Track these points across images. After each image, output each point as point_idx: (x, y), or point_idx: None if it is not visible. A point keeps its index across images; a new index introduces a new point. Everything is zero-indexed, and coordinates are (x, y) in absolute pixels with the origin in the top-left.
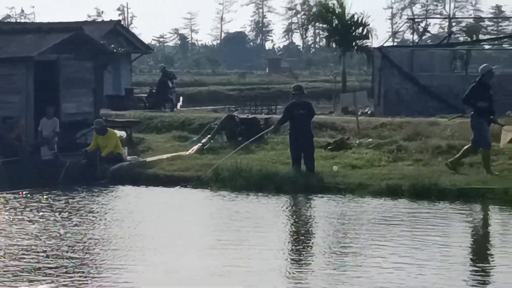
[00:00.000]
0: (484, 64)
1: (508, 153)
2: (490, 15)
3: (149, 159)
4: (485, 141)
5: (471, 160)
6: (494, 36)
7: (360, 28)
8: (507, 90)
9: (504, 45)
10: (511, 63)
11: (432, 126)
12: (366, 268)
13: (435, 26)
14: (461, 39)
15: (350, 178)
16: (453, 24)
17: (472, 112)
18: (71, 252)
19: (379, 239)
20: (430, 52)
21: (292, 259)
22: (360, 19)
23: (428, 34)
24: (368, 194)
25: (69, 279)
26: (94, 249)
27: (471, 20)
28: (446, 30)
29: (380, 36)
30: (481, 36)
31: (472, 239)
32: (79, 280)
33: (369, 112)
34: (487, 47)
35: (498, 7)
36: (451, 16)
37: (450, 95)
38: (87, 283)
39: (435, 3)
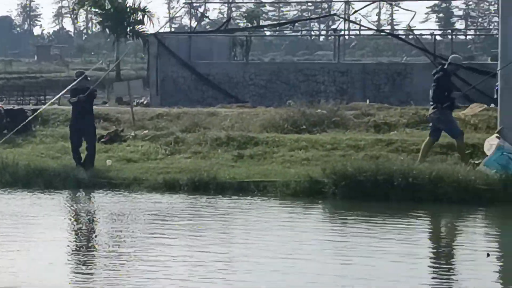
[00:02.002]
0: (456, 55)
1: (290, 145)
2: (271, 0)
3: None
4: (456, 130)
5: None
6: (275, 22)
7: (138, 14)
8: (287, 78)
9: (285, 31)
10: (291, 49)
11: (211, 117)
12: (144, 265)
13: (214, 11)
14: (241, 24)
15: (125, 172)
16: (233, 9)
17: (436, 105)
18: None
19: (156, 236)
20: (209, 38)
21: (63, 262)
22: (137, 4)
23: (207, 20)
24: (144, 189)
25: None
26: None
27: (251, 5)
28: (225, 15)
29: (158, 21)
30: (262, 22)
31: (252, 233)
32: None
33: (145, 102)
34: (268, 33)
35: None
36: (230, 0)
37: (229, 84)
38: None
39: None
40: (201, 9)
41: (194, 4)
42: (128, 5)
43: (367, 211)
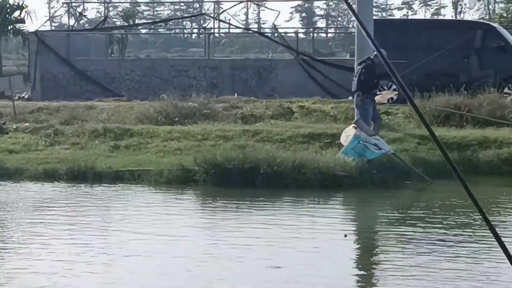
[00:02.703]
0: (383, 50)
1: (163, 136)
2: (146, 0)
3: None
4: (366, 122)
5: None
6: (150, 21)
7: (18, 12)
8: (161, 73)
9: (159, 30)
10: (165, 47)
11: (88, 110)
12: (27, 256)
13: (92, 11)
14: (118, 23)
15: (6, 163)
16: (110, 8)
17: (359, 92)
18: None
19: (39, 225)
20: (87, 36)
21: None
22: (17, 3)
23: (85, 19)
24: (25, 179)
25: None
26: None
27: (127, 5)
28: (102, 14)
29: (40, 20)
30: (137, 21)
31: (127, 219)
32: None
33: (26, 97)
34: (143, 31)
35: None
36: (107, 0)
37: (106, 79)
38: None
39: None
40: (79, 9)
41: (73, 4)
42: (8, 4)
43: (235, 197)
